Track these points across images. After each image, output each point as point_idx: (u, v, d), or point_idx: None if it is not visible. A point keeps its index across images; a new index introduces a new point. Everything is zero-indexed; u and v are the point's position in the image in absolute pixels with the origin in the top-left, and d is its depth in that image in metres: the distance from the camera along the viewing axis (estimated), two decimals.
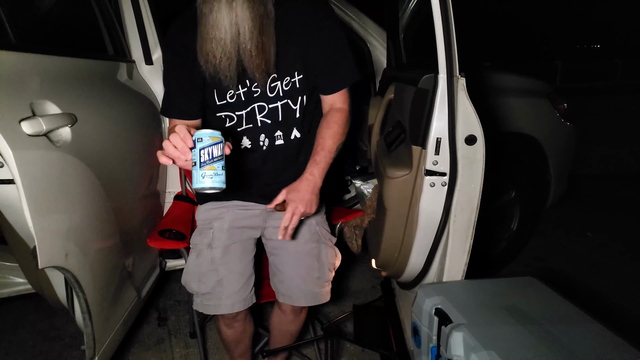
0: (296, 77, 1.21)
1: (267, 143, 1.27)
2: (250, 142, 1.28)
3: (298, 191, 1.16)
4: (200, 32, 1.10)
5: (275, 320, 1.53)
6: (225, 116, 1.26)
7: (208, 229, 1.35)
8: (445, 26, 1.21)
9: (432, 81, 1.27)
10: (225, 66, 1.10)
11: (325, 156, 1.21)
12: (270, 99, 1.23)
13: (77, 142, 1.13)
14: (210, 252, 1.32)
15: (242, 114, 1.25)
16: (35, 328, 2.07)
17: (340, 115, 1.25)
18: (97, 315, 1.21)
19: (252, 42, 1.08)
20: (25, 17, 1.20)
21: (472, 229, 1.36)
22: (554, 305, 1.14)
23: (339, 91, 1.25)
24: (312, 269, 1.36)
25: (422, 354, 1.29)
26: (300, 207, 1.14)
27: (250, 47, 1.08)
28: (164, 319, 2.16)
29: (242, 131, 1.26)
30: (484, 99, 2.13)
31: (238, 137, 1.27)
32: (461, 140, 1.28)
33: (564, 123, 2.41)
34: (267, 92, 1.22)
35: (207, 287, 1.31)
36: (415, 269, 1.52)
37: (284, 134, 1.28)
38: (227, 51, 1.08)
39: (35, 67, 1.09)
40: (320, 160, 1.20)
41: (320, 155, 1.20)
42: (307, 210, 1.16)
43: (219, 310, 1.32)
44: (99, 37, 1.62)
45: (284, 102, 1.24)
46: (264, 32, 1.10)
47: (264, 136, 1.27)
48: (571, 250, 2.86)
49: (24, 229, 1.00)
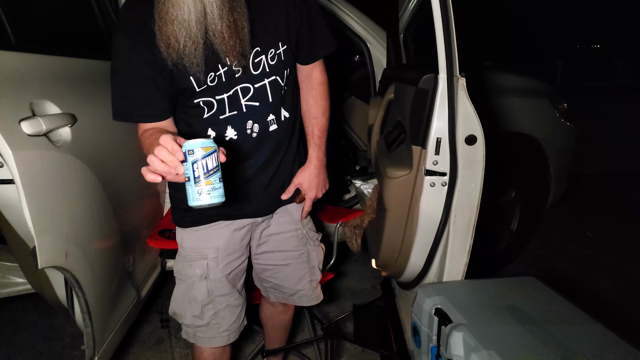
0: (281, 49, 1.07)
1: (258, 130, 1.11)
2: (237, 132, 1.09)
3: (311, 180, 1.23)
4: (159, 11, 0.90)
5: (265, 315, 1.51)
6: (204, 103, 1.04)
7: (200, 259, 1.18)
8: (446, 26, 1.21)
9: (432, 81, 1.27)
10: (190, 51, 0.92)
11: (323, 135, 1.23)
12: (256, 76, 1.05)
13: (77, 142, 1.13)
14: (207, 283, 1.18)
15: (223, 97, 1.05)
16: (35, 328, 2.07)
17: (324, 89, 1.23)
18: (97, 315, 1.22)
19: (222, 21, 0.91)
20: (25, 17, 1.20)
21: (472, 229, 1.35)
22: (554, 305, 1.14)
23: (320, 59, 1.20)
24: (304, 274, 1.35)
25: (422, 354, 1.29)
26: (318, 193, 1.25)
27: (221, 27, 0.92)
28: (167, 320, 2.16)
29: (225, 119, 1.07)
30: (484, 99, 2.13)
31: (221, 127, 1.08)
32: (461, 140, 1.28)
33: (564, 123, 2.41)
34: (250, 69, 1.04)
35: (203, 321, 1.20)
36: (415, 269, 1.51)
37: (276, 117, 1.13)
38: (193, 34, 0.91)
39: (35, 67, 1.09)
40: (320, 142, 1.23)
41: (317, 136, 1.23)
42: (321, 193, 1.25)
43: (214, 343, 1.22)
44: (99, 37, 1.62)
45: (272, 78, 1.08)
46: (235, 8, 0.93)
47: (252, 122, 1.10)
48: (571, 250, 2.86)
49: (24, 229, 1.00)
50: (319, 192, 1.25)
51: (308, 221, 1.36)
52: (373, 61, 2.29)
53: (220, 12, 0.90)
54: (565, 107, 2.42)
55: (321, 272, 1.40)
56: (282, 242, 1.29)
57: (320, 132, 1.23)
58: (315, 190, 1.24)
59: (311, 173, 1.23)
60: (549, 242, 2.95)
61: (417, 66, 1.72)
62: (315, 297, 1.39)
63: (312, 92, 1.22)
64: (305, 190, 1.23)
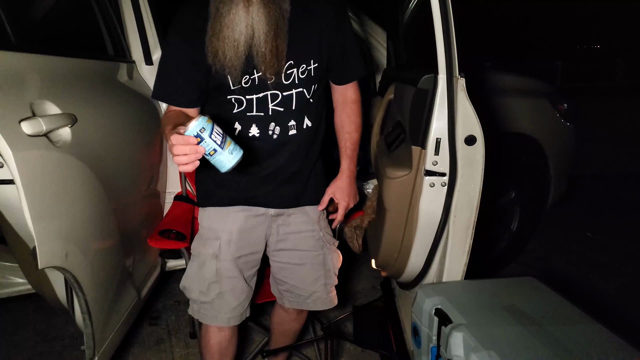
0: (312, 65, 1.18)
1: (279, 132, 1.21)
2: (260, 131, 1.20)
3: (343, 189, 1.33)
4: (212, 26, 1.05)
5: (276, 320, 1.53)
6: (235, 100, 1.18)
7: (214, 239, 1.28)
8: (445, 26, 1.21)
9: (432, 81, 1.27)
10: (233, 64, 1.07)
11: (355, 149, 1.34)
12: (285, 86, 1.17)
13: (77, 142, 1.13)
14: (217, 263, 1.27)
15: (253, 98, 1.17)
16: (35, 328, 2.07)
17: (357, 107, 1.33)
18: (97, 315, 1.22)
19: (266, 45, 1.06)
20: (25, 17, 1.20)
21: (472, 229, 1.36)
22: (554, 305, 1.14)
23: (353, 81, 1.31)
24: (319, 276, 1.36)
25: (422, 354, 1.30)
26: (350, 203, 1.34)
27: (265, 50, 1.06)
28: (156, 318, 2.16)
29: (251, 117, 1.19)
30: (484, 99, 2.13)
31: (246, 123, 1.20)
32: (461, 141, 1.28)
33: (564, 123, 2.41)
34: (282, 79, 1.16)
35: (208, 298, 1.29)
36: (415, 269, 1.52)
37: (297, 124, 1.23)
38: (239, 52, 1.06)
39: (35, 67, 1.09)
40: (352, 154, 1.33)
41: (350, 149, 1.33)
42: (354, 203, 1.35)
43: (215, 322, 1.31)
44: (99, 37, 1.62)
45: (299, 90, 1.19)
46: (279, 34, 1.07)
47: (274, 125, 1.21)
48: (571, 250, 2.86)
49: (24, 229, 1.00)
50: (350, 201, 1.34)
51: (325, 225, 1.39)
52: (373, 61, 2.29)
53: (266, 37, 1.05)
54: (565, 107, 2.42)
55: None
56: (299, 241, 1.34)
57: (353, 146, 1.33)
58: (347, 200, 1.33)
59: (343, 183, 1.33)
60: (549, 242, 2.95)
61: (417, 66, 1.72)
62: (329, 301, 1.39)
63: (346, 109, 1.32)
64: (338, 200, 1.33)
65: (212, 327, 1.34)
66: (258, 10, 1.03)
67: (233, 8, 1.03)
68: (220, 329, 1.35)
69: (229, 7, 1.03)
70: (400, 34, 1.91)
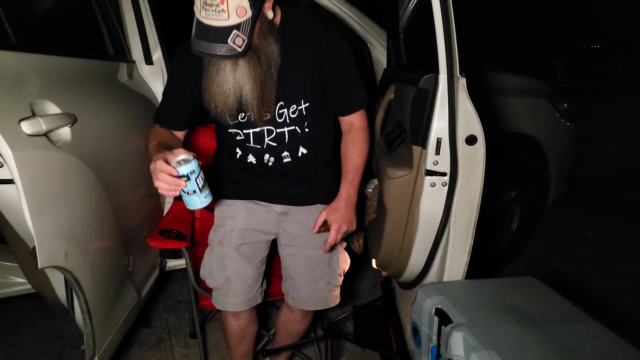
0: (302, 105, 1.24)
1: (273, 161, 1.31)
2: (256, 159, 1.32)
3: (338, 211, 1.27)
4: (205, 81, 1.16)
5: (282, 320, 1.53)
6: (235, 133, 1.30)
7: (220, 226, 1.39)
8: (446, 26, 1.21)
9: (433, 81, 1.27)
10: (225, 112, 1.18)
11: (356, 174, 1.30)
12: (279, 123, 1.26)
13: (77, 142, 1.13)
14: (221, 249, 1.37)
15: (250, 132, 1.28)
16: (35, 328, 2.07)
17: (362, 134, 1.32)
18: (97, 315, 1.21)
19: (253, 99, 1.15)
20: (25, 17, 1.20)
21: (473, 229, 1.36)
22: (554, 305, 1.14)
23: (357, 111, 1.31)
24: (323, 274, 1.40)
25: (422, 354, 1.29)
26: (343, 226, 1.27)
27: (252, 102, 1.15)
28: (156, 318, 2.16)
29: (249, 147, 1.30)
30: (485, 99, 2.13)
31: (245, 151, 1.32)
32: (462, 140, 1.28)
33: (564, 123, 2.41)
34: (275, 117, 1.25)
35: (216, 283, 1.38)
36: (415, 269, 1.51)
37: (291, 153, 1.31)
38: (230, 103, 1.15)
39: (35, 67, 1.09)
40: (352, 179, 1.30)
41: (351, 174, 1.30)
42: (349, 229, 1.28)
43: (225, 307, 1.38)
44: (99, 37, 1.62)
45: (291, 128, 1.27)
46: (266, 88, 1.16)
47: (269, 156, 1.31)
48: (571, 250, 2.86)
49: (24, 229, 1.00)
50: (344, 225, 1.27)
51: None
52: (373, 61, 2.29)
53: (252, 92, 1.13)
54: (565, 107, 2.42)
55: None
56: (306, 239, 1.38)
57: (354, 171, 1.30)
58: (340, 223, 1.26)
59: (338, 206, 1.28)
60: (549, 242, 2.95)
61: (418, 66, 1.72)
62: (330, 300, 1.42)
63: (350, 135, 1.32)
64: (330, 222, 1.27)
65: (228, 314, 1.43)
66: (244, 70, 1.11)
67: (221, 70, 1.11)
68: (235, 316, 1.42)
69: (217, 68, 1.12)
70: (401, 33, 1.91)
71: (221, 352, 1.88)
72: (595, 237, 3.04)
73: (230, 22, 1.00)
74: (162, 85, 1.88)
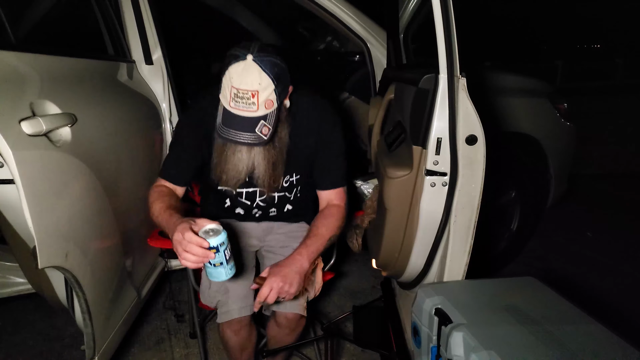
0: (294, 177, 1.39)
1: (260, 214, 1.45)
2: (244, 211, 1.45)
3: (281, 267, 1.18)
4: (219, 158, 1.26)
5: (271, 335, 1.52)
6: (225, 190, 1.38)
7: None
8: (446, 26, 1.21)
9: (433, 81, 1.27)
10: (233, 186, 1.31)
11: (316, 242, 1.26)
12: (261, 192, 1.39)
13: (77, 142, 1.13)
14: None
15: (243, 191, 1.39)
16: (35, 328, 2.07)
17: (336, 210, 1.36)
18: (97, 315, 1.21)
19: (266, 177, 1.27)
20: (25, 17, 1.20)
21: (473, 229, 1.35)
22: (554, 305, 1.14)
23: (334, 189, 1.37)
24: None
25: (422, 354, 1.29)
26: (279, 282, 1.14)
27: (264, 180, 1.28)
28: (156, 318, 2.16)
29: (240, 201, 1.42)
30: (485, 98, 2.13)
31: (234, 204, 1.44)
32: (462, 140, 1.28)
33: (564, 123, 2.41)
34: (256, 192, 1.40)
35: (216, 297, 1.37)
36: (415, 269, 1.51)
37: (278, 209, 1.46)
38: (241, 179, 1.28)
39: (35, 67, 1.09)
40: (310, 244, 1.25)
41: (311, 239, 1.26)
42: (285, 287, 1.15)
43: (231, 315, 1.35)
44: (99, 37, 1.62)
45: (281, 194, 1.42)
46: (277, 167, 1.28)
47: (257, 210, 1.45)
48: (571, 250, 2.86)
49: (24, 229, 1.00)
50: (282, 281, 1.14)
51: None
52: (373, 61, 2.29)
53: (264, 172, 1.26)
54: (565, 107, 2.42)
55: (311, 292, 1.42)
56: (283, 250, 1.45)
57: (315, 238, 1.27)
58: (277, 280, 1.14)
59: (283, 263, 1.20)
60: (549, 242, 2.95)
61: (418, 66, 1.72)
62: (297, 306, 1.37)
63: (325, 210, 1.37)
64: (269, 274, 1.17)
65: (227, 330, 1.39)
66: (260, 153, 1.23)
67: (237, 152, 1.22)
68: (235, 332, 1.39)
69: (233, 150, 1.22)
70: (401, 33, 1.91)
71: (221, 352, 1.88)
72: (595, 237, 3.04)
73: (258, 113, 1.10)
74: (162, 85, 1.88)
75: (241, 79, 1.08)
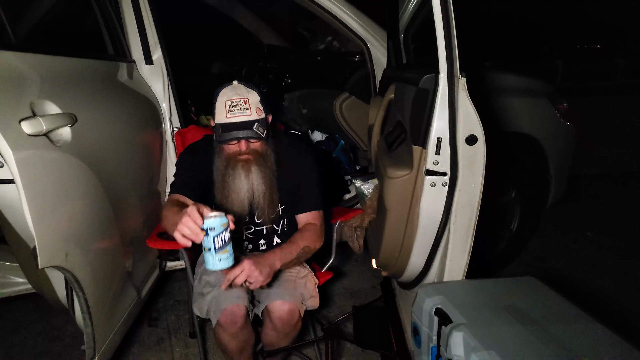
0: (279, 208, 1.49)
1: (251, 248, 1.53)
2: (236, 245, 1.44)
3: (256, 257, 1.27)
4: (220, 191, 1.38)
5: (266, 341, 1.50)
6: None
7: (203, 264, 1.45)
8: (446, 26, 1.21)
9: (433, 81, 1.27)
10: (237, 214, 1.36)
11: (290, 248, 1.35)
12: (258, 223, 1.50)
13: (77, 142, 1.13)
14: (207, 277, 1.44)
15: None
16: (35, 328, 2.07)
17: (312, 226, 1.45)
18: (97, 315, 1.21)
19: (264, 200, 1.39)
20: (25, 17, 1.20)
21: (473, 229, 1.35)
22: (554, 305, 1.14)
23: (311, 212, 1.48)
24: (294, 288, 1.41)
25: (422, 354, 1.29)
26: (251, 265, 1.20)
27: (263, 203, 1.40)
28: (156, 318, 2.16)
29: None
30: (485, 98, 2.13)
31: None
32: (462, 140, 1.28)
33: (564, 123, 2.41)
34: (254, 218, 1.49)
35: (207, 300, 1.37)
36: (415, 269, 1.51)
37: (267, 242, 1.54)
38: (242, 204, 1.39)
39: (35, 67, 1.09)
40: (285, 248, 1.35)
41: (287, 245, 1.36)
42: (255, 273, 1.20)
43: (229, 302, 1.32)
44: (99, 37, 1.62)
45: (269, 225, 1.51)
46: (273, 190, 1.40)
47: (247, 243, 1.53)
48: (571, 250, 2.86)
49: (24, 229, 1.00)
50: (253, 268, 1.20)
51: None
52: (373, 61, 2.29)
53: (263, 194, 1.39)
54: (565, 107, 2.42)
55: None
56: None
57: (290, 245, 1.36)
58: (248, 264, 1.20)
59: (256, 256, 1.28)
60: (549, 242, 2.95)
61: (418, 66, 1.72)
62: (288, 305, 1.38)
63: (302, 227, 1.47)
64: (242, 261, 1.22)
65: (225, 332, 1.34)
66: (256, 175, 1.36)
67: (237, 177, 1.35)
68: (232, 336, 1.36)
69: (232, 176, 1.35)
70: (401, 33, 1.91)
71: (221, 352, 1.87)
72: (595, 237, 3.04)
73: (252, 117, 1.29)
74: (162, 85, 1.88)
75: (232, 93, 1.30)
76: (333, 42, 3.18)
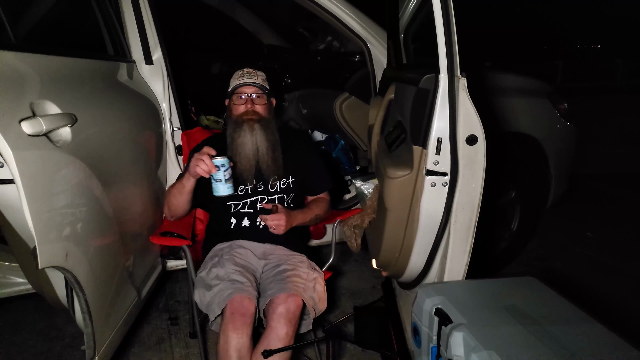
0: (290, 179, 1.69)
1: (264, 224, 1.62)
2: (249, 222, 1.65)
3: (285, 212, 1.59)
4: (231, 145, 1.60)
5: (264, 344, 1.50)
6: (234, 204, 1.66)
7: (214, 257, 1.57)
8: (447, 26, 1.21)
9: (433, 81, 1.27)
10: (246, 169, 1.59)
11: (309, 213, 1.68)
12: (270, 193, 1.67)
13: (77, 142, 1.13)
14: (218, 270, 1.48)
15: (247, 201, 1.65)
16: (35, 328, 2.07)
17: (325, 200, 1.77)
18: (97, 315, 1.21)
19: (268, 156, 1.60)
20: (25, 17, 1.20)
21: (473, 229, 1.35)
22: (554, 305, 1.14)
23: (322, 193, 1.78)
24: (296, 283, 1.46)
25: (422, 354, 1.29)
26: (285, 217, 1.56)
27: (267, 159, 1.60)
28: (156, 318, 2.16)
29: (244, 213, 1.65)
30: (485, 99, 2.13)
31: (239, 218, 1.66)
32: (462, 140, 1.28)
33: (564, 123, 2.41)
34: (269, 188, 1.66)
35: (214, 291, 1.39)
36: (416, 269, 1.51)
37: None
38: (250, 160, 1.59)
39: (35, 67, 1.09)
40: (305, 212, 1.68)
41: (306, 210, 1.69)
42: (281, 222, 1.55)
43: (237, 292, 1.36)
44: (99, 37, 1.62)
45: (280, 196, 1.68)
46: (276, 149, 1.62)
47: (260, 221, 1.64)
48: (571, 250, 2.86)
49: (24, 229, 1.00)
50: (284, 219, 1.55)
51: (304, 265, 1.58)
52: (373, 61, 2.29)
53: (267, 150, 1.60)
54: (565, 107, 2.42)
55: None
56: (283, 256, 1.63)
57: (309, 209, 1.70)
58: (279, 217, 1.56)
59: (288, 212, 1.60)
60: (549, 242, 2.95)
61: (418, 66, 1.72)
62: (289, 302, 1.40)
63: (316, 198, 1.78)
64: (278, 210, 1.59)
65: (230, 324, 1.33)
66: (259, 133, 1.58)
67: (242, 134, 1.58)
68: (239, 328, 1.33)
69: (239, 134, 1.58)
70: (401, 33, 1.91)
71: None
72: (595, 237, 3.04)
73: (259, 82, 1.63)
74: (162, 85, 1.88)
75: (245, 70, 1.67)
76: (333, 42, 3.18)
